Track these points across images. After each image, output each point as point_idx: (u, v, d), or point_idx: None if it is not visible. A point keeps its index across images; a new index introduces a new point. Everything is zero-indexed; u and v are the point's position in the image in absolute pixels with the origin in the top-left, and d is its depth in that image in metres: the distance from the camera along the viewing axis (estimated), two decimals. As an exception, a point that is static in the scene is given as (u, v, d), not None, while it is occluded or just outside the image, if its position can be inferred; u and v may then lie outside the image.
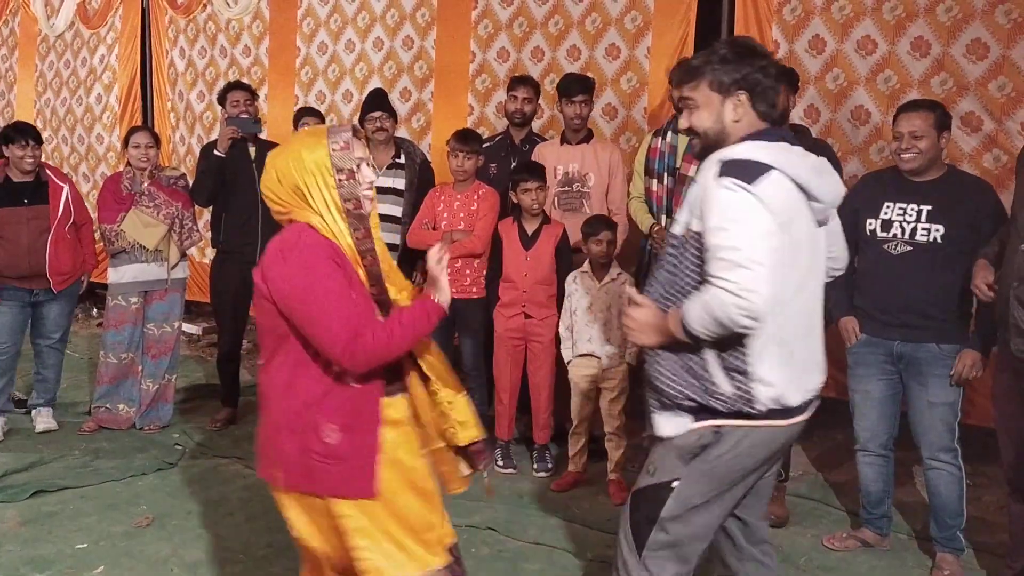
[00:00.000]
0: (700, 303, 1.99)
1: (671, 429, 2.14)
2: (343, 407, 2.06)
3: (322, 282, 1.99)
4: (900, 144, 3.12)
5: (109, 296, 4.73)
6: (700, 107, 2.16)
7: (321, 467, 2.04)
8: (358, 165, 2.07)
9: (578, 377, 3.96)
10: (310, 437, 2.04)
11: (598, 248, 3.89)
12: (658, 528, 2.16)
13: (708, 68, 2.14)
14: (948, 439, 3.17)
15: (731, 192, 1.99)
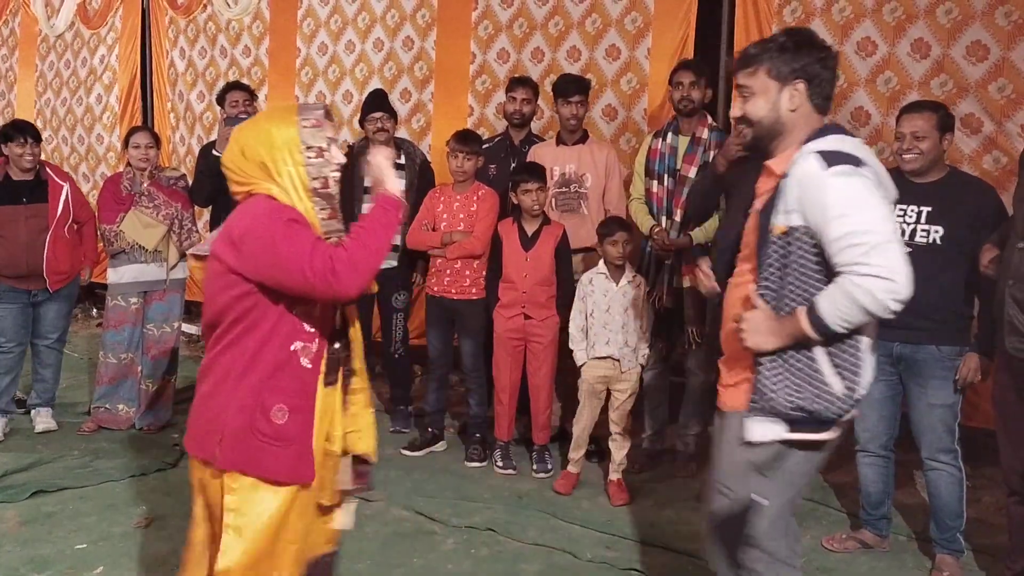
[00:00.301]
0: (840, 294, 1.91)
1: (760, 435, 2.07)
2: (293, 387, 2.05)
3: (290, 227, 1.97)
4: (902, 145, 3.13)
5: (109, 296, 4.73)
6: (756, 95, 2.14)
7: (266, 447, 2.02)
8: (328, 144, 2.04)
9: (592, 379, 3.95)
10: (258, 417, 2.02)
11: (614, 249, 3.88)
12: (754, 546, 2.13)
13: (767, 56, 2.12)
14: (948, 440, 3.17)
15: (847, 178, 1.95)
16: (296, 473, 2.06)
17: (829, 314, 1.93)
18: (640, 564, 3.26)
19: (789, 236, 2.02)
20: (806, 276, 2.02)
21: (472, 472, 4.24)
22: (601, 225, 3.98)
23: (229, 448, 2.04)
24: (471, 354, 4.38)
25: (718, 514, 2.17)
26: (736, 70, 2.18)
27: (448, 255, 4.26)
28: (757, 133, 2.16)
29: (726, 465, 2.15)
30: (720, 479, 2.15)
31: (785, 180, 2.04)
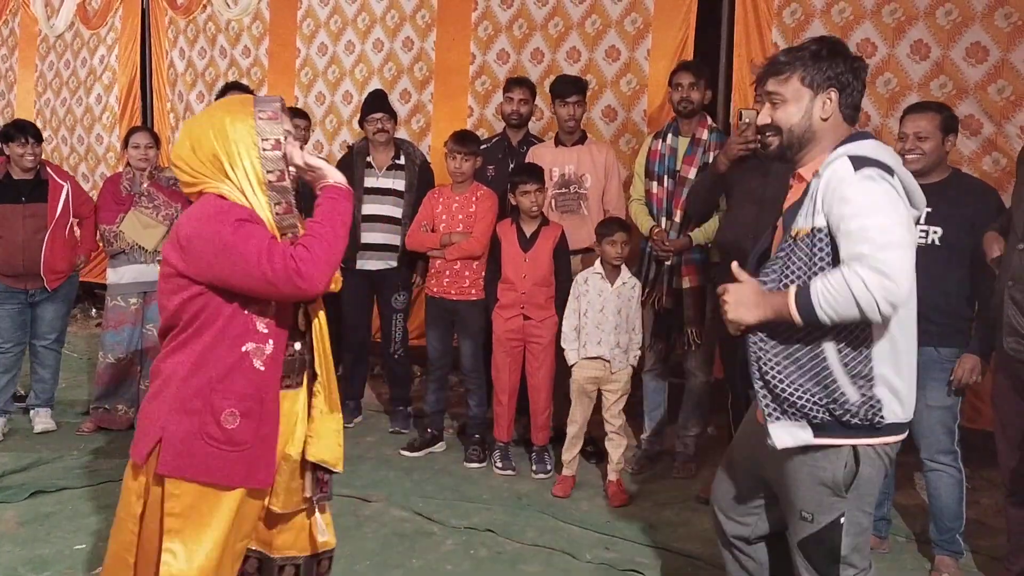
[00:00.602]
0: (835, 280, 1.89)
1: (790, 440, 2.04)
2: (245, 390, 1.99)
3: (241, 227, 1.93)
4: (904, 145, 3.12)
5: (108, 297, 4.72)
6: (788, 102, 2.13)
7: (216, 453, 1.97)
8: (285, 136, 2.02)
9: (583, 379, 3.95)
10: (207, 420, 1.98)
11: (612, 249, 3.88)
12: (844, 564, 2.11)
13: (800, 63, 2.11)
14: (947, 442, 3.17)
15: (875, 182, 1.95)
16: (251, 477, 2.02)
17: (818, 295, 1.91)
18: (639, 565, 3.26)
19: (813, 238, 2.00)
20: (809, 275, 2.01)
21: (471, 473, 4.24)
22: (600, 225, 3.98)
23: (172, 454, 1.98)
24: (470, 355, 4.38)
25: (802, 540, 2.14)
26: (765, 77, 2.16)
27: (447, 256, 4.25)
28: (788, 141, 2.14)
29: (801, 491, 2.11)
30: (799, 506, 2.12)
31: (815, 182, 2.04)
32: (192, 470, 1.98)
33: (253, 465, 2.02)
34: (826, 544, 2.09)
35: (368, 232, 4.59)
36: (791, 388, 2.02)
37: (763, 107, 2.18)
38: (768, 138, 2.19)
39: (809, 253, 2.00)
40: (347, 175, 2.27)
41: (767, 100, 2.16)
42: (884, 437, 2.06)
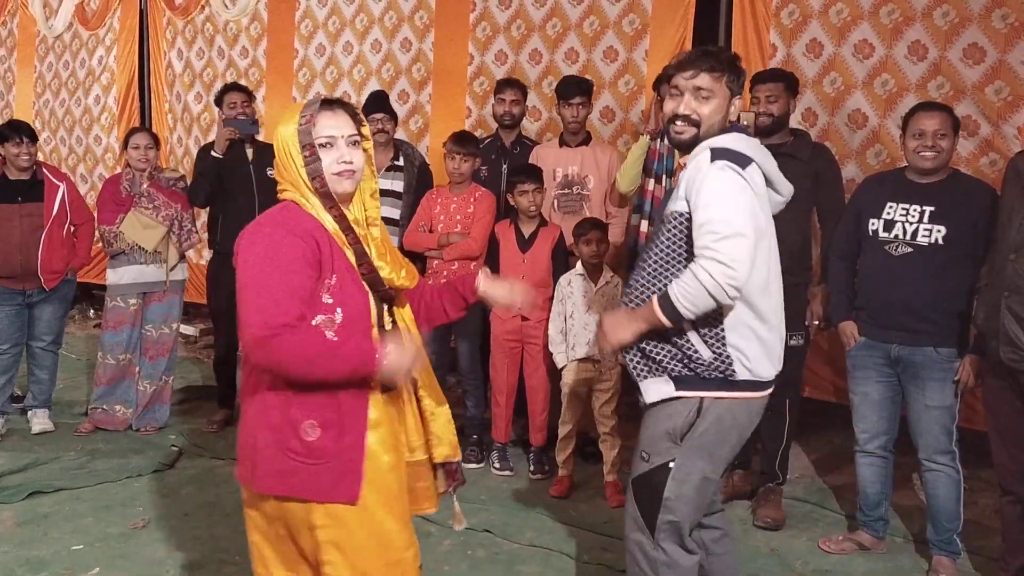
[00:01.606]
0: (688, 279, 2.13)
1: (656, 394, 2.29)
2: (323, 402, 1.93)
3: (269, 259, 1.88)
4: (923, 142, 3.10)
5: (108, 297, 4.72)
6: (716, 98, 2.28)
7: (300, 467, 1.92)
8: (326, 142, 1.97)
9: (574, 381, 3.95)
10: (287, 434, 1.93)
11: (588, 248, 3.89)
12: (664, 508, 2.28)
13: (727, 67, 2.29)
14: (946, 442, 3.17)
15: (723, 173, 2.17)
16: (335, 492, 1.94)
17: (677, 297, 2.15)
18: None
19: (676, 220, 2.24)
20: (682, 258, 2.23)
21: (469, 474, 4.16)
22: (577, 226, 3.99)
23: (264, 470, 1.96)
24: (468, 356, 4.38)
25: (635, 478, 2.36)
26: (698, 71, 2.27)
27: (445, 256, 4.26)
28: (704, 135, 2.28)
29: (645, 433, 2.35)
30: (641, 444, 2.36)
31: (683, 172, 2.28)
32: (281, 485, 1.94)
33: (337, 479, 1.94)
34: (652, 484, 2.29)
35: (366, 232, 4.58)
36: (652, 347, 2.27)
37: (680, 99, 2.29)
38: (680, 127, 2.30)
39: (673, 234, 2.24)
40: None
41: (692, 94, 2.27)
42: (739, 392, 2.27)
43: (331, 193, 1.98)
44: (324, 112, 1.99)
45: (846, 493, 3.94)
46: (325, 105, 2.01)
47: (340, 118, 2.00)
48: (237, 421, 4.92)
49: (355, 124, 2.03)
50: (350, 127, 2.01)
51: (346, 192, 2.01)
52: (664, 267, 2.26)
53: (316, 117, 1.97)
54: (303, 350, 1.85)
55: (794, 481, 4.08)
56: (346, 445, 1.94)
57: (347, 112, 2.03)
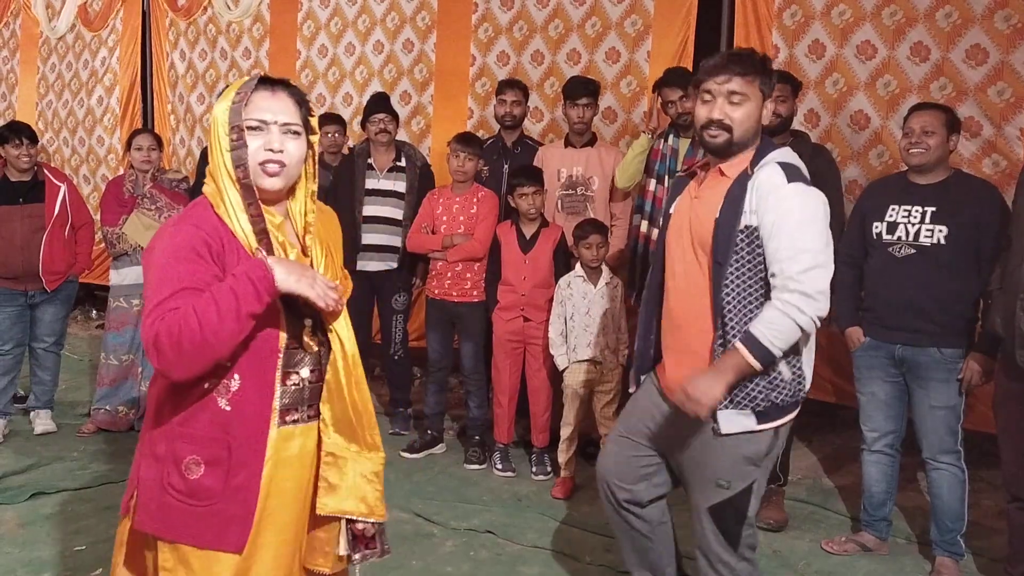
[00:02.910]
0: (776, 319, 2.11)
1: (736, 427, 2.22)
2: (208, 435, 1.66)
3: (166, 257, 1.62)
4: (910, 140, 3.14)
5: (111, 298, 4.73)
6: (749, 102, 2.24)
7: (178, 507, 1.66)
8: (257, 126, 1.68)
9: (575, 383, 3.96)
10: (170, 469, 1.67)
11: (588, 252, 3.90)
12: (747, 524, 2.31)
13: (757, 69, 2.24)
14: (950, 442, 3.16)
15: (805, 198, 2.16)
16: (220, 539, 1.66)
17: (768, 340, 2.12)
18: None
19: (751, 235, 2.17)
20: (751, 272, 2.18)
21: (471, 474, 4.24)
22: (577, 228, 3.99)
23: (143, 506, 1.71)
24: (471, 356, 4.38)
25: (715, 506, 2.31)
26: (729, 75, 2.23)
27: (449, 258, 4.26)
28: (738, 139, 2.24)
29: (719, 462, 2.27)
30: (715, 471, 2.28)
31: (750, 182, 2.19)
32: (161, 527, 1.68)
33: (224, 524, 1.66)
34: (737, 507, 2.28)
35: (368, 233, 4.59)
36: (750, 382, 2.19)
37: (713, 104, 2.24)
38: (714, 132, 2.24)
39: (746, 250, 2.17)
40: (347, 177, 2.21)
41: (725, 98, 2.22)
42: (795, 412, 2.29)
43: (251, 187, 1.67)
44: (261, 91, 1.71)
45: (848, 494, 3.93)
46: (264, 83, 1.72)
47: (279, 101, 1.71)
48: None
49: (299, 111, 1.73)
50: (289, 114, 1.71)
51: (269, 189, 1.70)
52: (745, 288, 2.19)
53: (251, 96, 1.69)
54: (188, 314, 1.54)
55: (796, 482, 4.07)
56: (235, 486, 1.67)
57: (291, 96, 1.73)
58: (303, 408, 1.77)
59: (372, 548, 1.84)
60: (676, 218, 2.39)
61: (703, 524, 2.33)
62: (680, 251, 2.33)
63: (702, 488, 2.32)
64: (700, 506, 2.33)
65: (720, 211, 2.20)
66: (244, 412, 1.68)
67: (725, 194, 2.21)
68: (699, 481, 2.33)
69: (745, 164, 2.24)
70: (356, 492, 1.79)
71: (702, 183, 2.34)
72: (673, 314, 2.36)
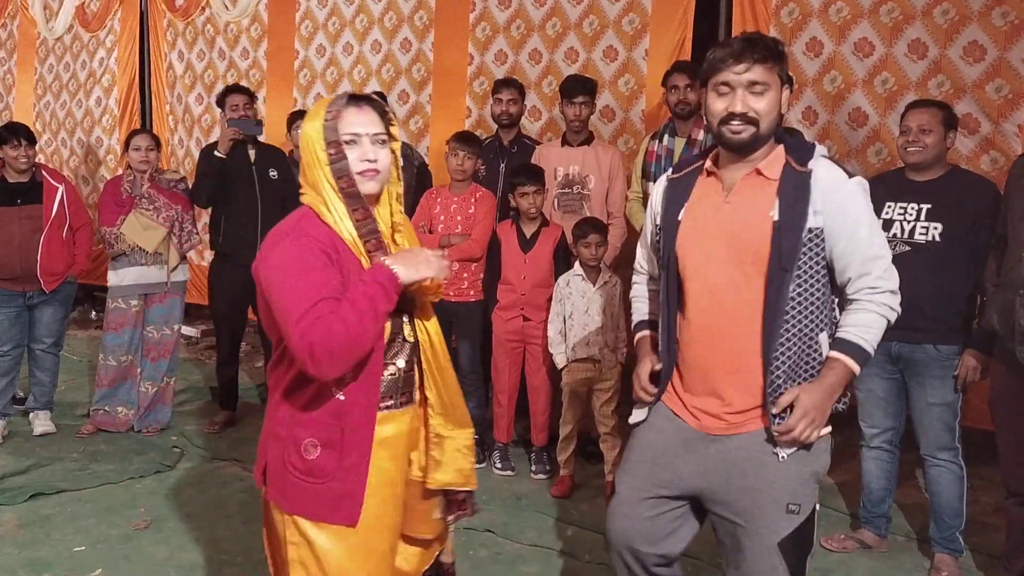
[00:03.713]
0: (871, 319, 2.04)
1: (792, 445, 2.04)
2: (324, 421, 1.86)
3: (291, 264, 1.79)
4: (907, 138, 3.14)
5: (109, 299, 4.72)
6: (772, 91, 2.02)
7: (298, 483, 1.87)
8: (351, 139, 1.86)
9: (575, 382, 3.96)
10: (290, 450, 1.88)
11: (587, 252, 3.90)
12: (811, 552, 2.10)
13: (774, 55, 2.03)
14: (948, 439, 3.17)
15: (865, 192, 2.07)
16: (334, 513, 1.86)
17: (868, 344, 2.03)
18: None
19: (817, 237, 2.00)
20: (815, 276, 2.02)
21: (471, 474, 4.23)
22: (576, 227, 3.99)
23: (271, 480, 1.93)
24: (469, 356, 4.38)
25: (786, 538, 2.04)
26: (751, 63, 2.00)
27: (447, 257, 4.24)
28: (763, 131, 2.03)
29: (786, 483, 2.04)
30: (788, 499, 2.04)
31: (811, 180, 2.01)
32: (283, 500, 1.90)
33: (338, 499, 1.87)
34: (806, 536, 2.06)
35: (366, 233, 4.58)
36: None
37: (733, 95, 2.02)
38: (737, 126, 2.02)
39: (813, 253, 2.01)
40: None
41: (746, 89, 2.01)
42: (831, 425, 2.11)
43: (359, 193, 1.88)
44: (350, 108, 1.89)
45: (847, 491, 3.93)
46: (352, 101, 1.90)
47: (366, 115, 1.90)
48: (238, 422, 4.97)
49: (383, 122, 1.92)
50: (376, 125, 1.90)
51: (370, 193, 1.91)
52: (810, 293, 2.02)
53: (342, 113, 1.87)
54: (341, 317, 1.74)
55: (796, 480, 4.07)
56: (347, 466, 1.87)
57: (375, 109, 1.92)
58: (396, 395, 1.96)
59: (464, 510, 2.12)
60: (696, 225, 2.13)
61: (770, 562, 2.02)
62: (711, 260, 2.09)
63: (768, 520, 2.02)
64: (768, 544, 2.02)
65: (780, 213, 2.00)
66: (355, 401, 1.87)
67: (778, 195, 2.01)
68: (763, 513, 2.03)
69: (781, 161, 2.05)
70: (454, 465, 2.04)
71: (731, 187, 2.10)
72: (705, 332, 2.11)
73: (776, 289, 2.00)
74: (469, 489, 2.09)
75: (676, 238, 2.16)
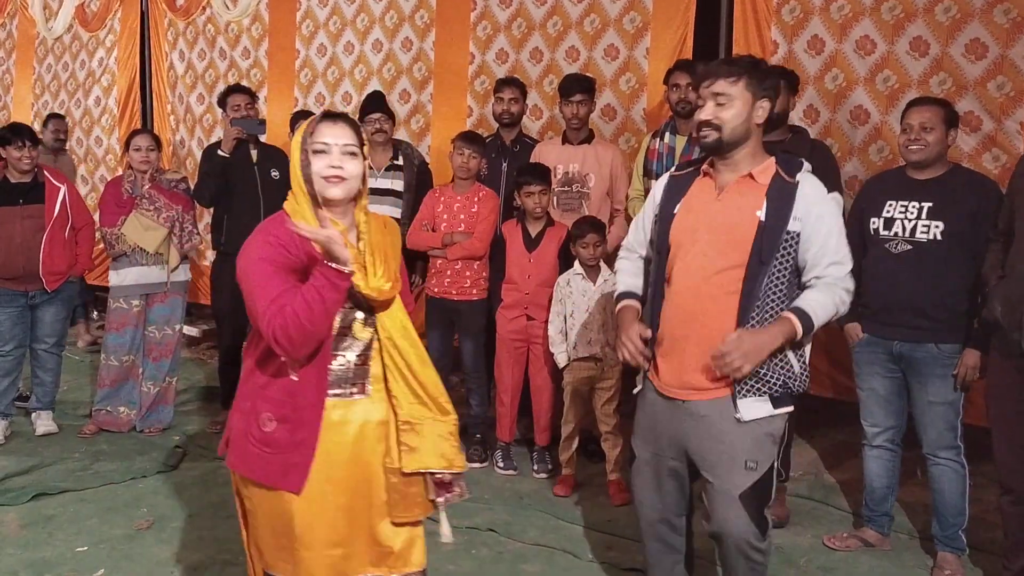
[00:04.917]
0: (825, 300, 2.35)
1: (754, 413, 2.36)
2: (280, 398, 2.10)
3: (261, 266, 2.04)
4: (909, 136, 3.13)
5: (110, 299, 4.73)
6: (736, 101, 2.36)
7: (255, 452, 2.11)
8: (321, 148, 2.08)
9: (577, 381, 3.96)
10: (251, 421, 2.12)
11: (585, 252, 3.90)
12: (768, 508, 2.42)
13: (747, 68, 2.38)
14: (950, 437, 3.17)
15: (839, 208, 2.47)
16: (283, 481, 2.10)
17: (817, 318, 2.33)
18: (641, 564, 3.25)
19: (793, 239, 2.35)
20: (785, 272, 2.36)
21: (473, 473, 4.23)
22: (574, 226, 3.99)
23: (232, 449, 2.18)
24: (472, 354, 4.39)
25: (746, 491, 2.37)
26: (714, 78, 2.37)
27: (449, 256, 4.26)
28: (729, 138, 2.36)
29: (744, 443, 2.38)
30: (740, 453, 2.38)
31: (797, 190, 2.36)
32: (242, 467, 2.15)
33: (284, 469, 2.10)
34: (763, 489, 2.38)
35: (367, 233, 4.58)
36: (769, 371, 2.35)
37: (705, 105, 2.39)
38: (705, 132, 2.38)
39: (788, 255, 2.35)
40: None
41: (711, 99, 2.37)
42: (793, 406, 2.43)
43: (316, 196, 2.10)
44: (325, 122, 2.13)
45: (849, 490, 3.93)
46: (327, 117, 2.15)
47: (339, 128, 2.13)
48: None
49: (355, 136, 2.14)
50: (348, 137, 2.12)
51: (334, 198, 2.10)
52: (778, 285, 2.36)
53: (318, 127, 2.12)
54: (296, 308, 1.97)
55: (797, 478, 4.07)
56: (298, 440, 2.10)
57: (348, 125, 2.15)
58: (347, 385, 2.16)
59: (452, 492, 2.29)
60: (689, 217, 2.45)
61: (734, 512, 2.37)
62: (698, 249, 2.40)
63: (731, 474, 2.37)
64: (730, 493, 2.37)
65: (766, 214, 2.33)
66: (306, 383, 2.10)
67: (766, 198, 2.35)
68: (728, 468, 2.38)
69: (772, 171, 2.38)
70: (436, 450, 2.23)
71: (723, 187, 2.43)
72: (684, 310, 2.42)
73: (753, 279, 2.33)
74: (455, 471, 2.28)
75: (670, 228, 2.48)
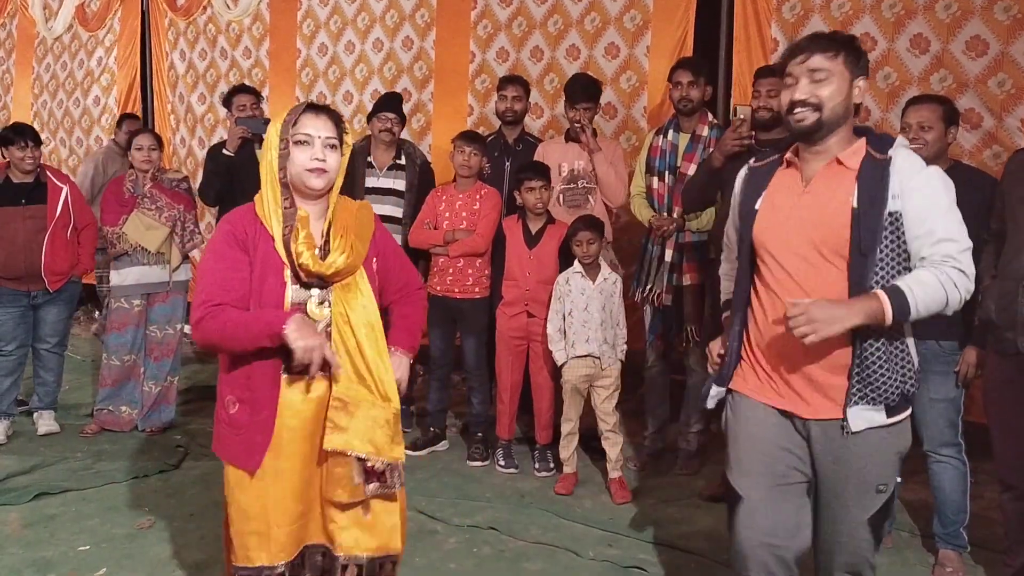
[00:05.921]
0: (931, 283, 2.00)
1: (863, 423, 2.11)
2: (240, 381, 2.19)
3: (216, 250, 2.15)
4: (908, 135, 3.12)
5: (112, 299, 4.73)
6: (834, 79, 2.10)
7: (224, 433, 2.23)
8: (304, 140, 2.13)
9: (575, 379, 3.95)
10: (220, 406, 2.24)
11: (579, 249, 3.90)
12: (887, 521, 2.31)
13: (844, 46, 2.12)
14: (950, 434, 3.16)
15: (946, 179, 2.09)
16: (241, 459, 2.20)
17: (915, 299, 1.99)
18: (642, 562, 3.26)
19: (897, 221, 2.05)
20: (897, 260, 2.07)
21: (474, 471, 4.24)
22: (570, 226, 3.99)
23: (214, 433, 2.31)
24: (473, 353, 4.39)
25: (874, 515, 2.19)
26: (810, 52, 2.10)
27: (451, 253, 4.26)
28: (827, 118, 2.11)
29: (874, 467, 2.15)
30: (875, 481, 2.17)
31: (891, 167, 2.07)
32: (218, 448, 2.28)
33: (248, 448, 2.19)
34: (887, 510, 2.20)
35: (369, 232, 4.58)
36: (879, 373, 2.08)
37: (796, 86, 2.12)
38: (800, 113, 2.11)
39: (895, 236, 2.06)
40: (346, 175, 2.29)
41: (807, 77, 2.11)
42: (911, 407, 2.20)
43: (288, 184, 2.16)
44: (308, 114, 2.17)
45: (852, 488, 3.93)
46: (310, 108, 2.19)
47: (322, 121, 2.17)
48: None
49: (336, 129, 2.19)
50: (330, 130, 2.17)
51: (314, 188, 2.16)
52: (891, 278, 2.06)
53: (299, 117, 2.16)
54: (223, 326, 2.09)
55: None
56: (258, 421, 2.17)
57: (331, 118, 2.19)
58: (299, 365, 2.12)
59: (383, 482, 2.21)
60: (775, 213, 2.19)
61: (860, 536, 2.19)
62: (790, 250, 2.15)
63: (861, 499, 2.17)
64: (858, 519, 2.18)
65: (858, 199, 2.06)
66: (263, 364, 2.15)
67: (857, 181, 2.08)
68: (857, 492, 2.17)
69: (862, 152, 2.12)
70: (365, 434, 2.17)
71: (810, 178, 2.17)
72: (782, 319, 2.10)
73: (859, 274, 2.05)
74: (387, 461, 2.20)
75: (753, 226, 2.23)
